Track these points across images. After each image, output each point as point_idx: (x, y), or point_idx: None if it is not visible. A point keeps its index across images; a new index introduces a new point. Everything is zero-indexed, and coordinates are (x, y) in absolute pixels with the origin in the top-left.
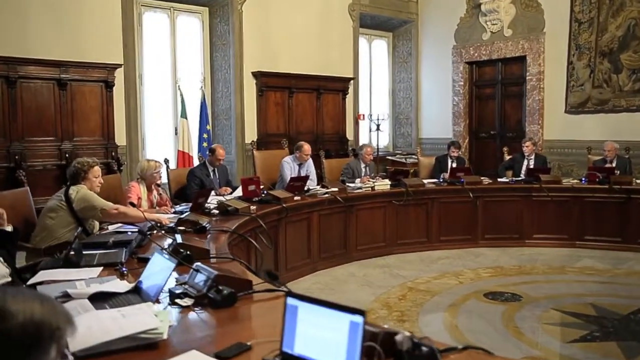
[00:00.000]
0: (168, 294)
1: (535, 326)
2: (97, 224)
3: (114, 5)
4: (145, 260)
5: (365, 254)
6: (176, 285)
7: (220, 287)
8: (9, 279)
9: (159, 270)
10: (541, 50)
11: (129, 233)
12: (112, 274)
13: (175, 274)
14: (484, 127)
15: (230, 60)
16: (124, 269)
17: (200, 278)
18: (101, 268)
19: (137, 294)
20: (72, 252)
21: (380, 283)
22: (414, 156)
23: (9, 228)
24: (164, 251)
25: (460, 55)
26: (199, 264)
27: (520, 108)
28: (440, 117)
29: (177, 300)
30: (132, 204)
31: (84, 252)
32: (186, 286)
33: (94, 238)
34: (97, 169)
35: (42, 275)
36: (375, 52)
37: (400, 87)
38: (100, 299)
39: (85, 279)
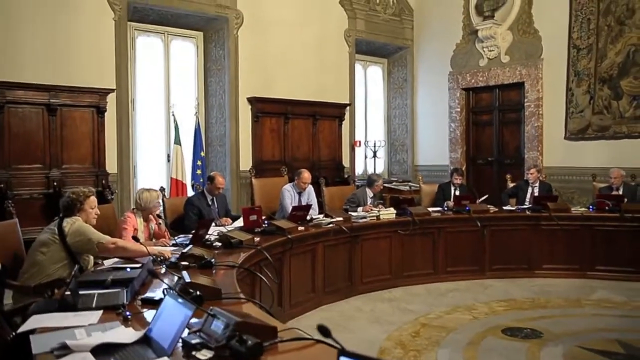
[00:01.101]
0: (181, 344)
1: None
2: (91, 259)
3: (106, 29)
4: (150, 302)
5: (371, 286)
6: (189, 333)
7: (244, 337)
8: None
9: (172, 317)
10: (539, 76)
11: (128, 270)
12: (113, 319)
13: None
14: (482, 153)
15: (225, 86)
16: (127, 312)
17: (217, 325)
18: (101, 312)
19: (147, 345)
20: (68, 293)
21: (390, 319)
22: (410, 183)
23: None
24: (175, 293)
25: (457, 81)
26: (216, 308)
27: (519, 134)
28: (436, 143)
29: (194, 353)
30: (135, 238)
31: (80, 293)
32: (201, 334)
33: (89, 276)
34: (93, 199)
35: (34, 322)
36: (371, 78)
37: (395, 114)
38: (105, 352)
39: (85, 326)
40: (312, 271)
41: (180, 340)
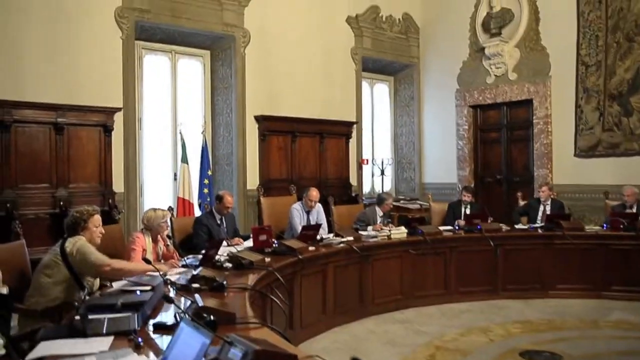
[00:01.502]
0: None
1: None
2: (97, 280)
3: (114, 48)
4: (163, 327)
5: (383, 307)
6: None
7: None
8: (3, 351)
9: (188, 345)
10: (548, 93)
11: (138, 293)
12: (124, 345)
13: None
14: (490, 171)
15: (232, 104)
16: (139, 339)
17: (235, 353)
18: (112, 337)
19: None
20: (77, 317)
21: (403, 341)
22: (419, 201)
23: (4, 290)
24: (190, 318)
25: (464, 98)
26: (233, 335)
27: (527, 152)
28: (444, 161)
29: None
30: (146, 260)
31: (90, 317)
32: None
33: (99, 299)
34: (97, 218)
35: (44, 348)
36: (377, 96)
37: (402, 132)
38: None
39: (95, 354)
40: (323, 292)
41: None
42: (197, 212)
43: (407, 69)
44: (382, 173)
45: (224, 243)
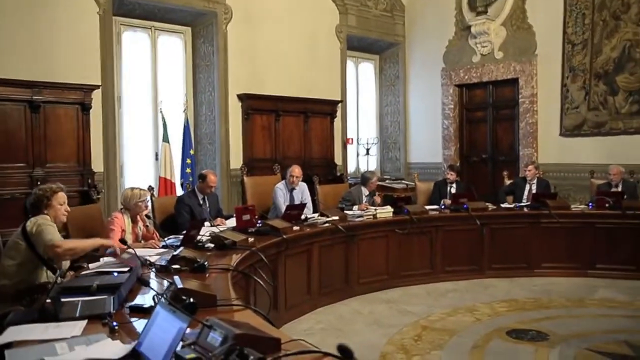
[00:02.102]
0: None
1: None
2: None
3: (91, 24)
4: (139, 310)
5: (368, 287)
6: (183, 346)
7: (244, 351)
8: None
9: (164, 329)
10: (534, 72)
11: (115, 274)
12: (99, 330)
13: None
14: (476, 151)
15: (215, 82)
16: (114, 323)
17: (214, 337)
18: (85, 322)
19: None
20: (49, 301)
21: (389, 321)
22: (403, 181)
23: None
24: (167, 301)
25: (450, 77)
26: (212, 318)
27: (513, 131)
28: (429, 141)
29: None
30: (124, 241)
31: (62, 300)
32: (196, 347)
33: (73, 281)
34: (62, 195)
35: (12, 334)
36: (362, 75)
37: (387, 111)
38: None
39: (67, 339)
40: (308, 272)
41: (173, 356)
42: (180, 192)
43: (392, 47)
44: (367, 152)
45: (206, 223)
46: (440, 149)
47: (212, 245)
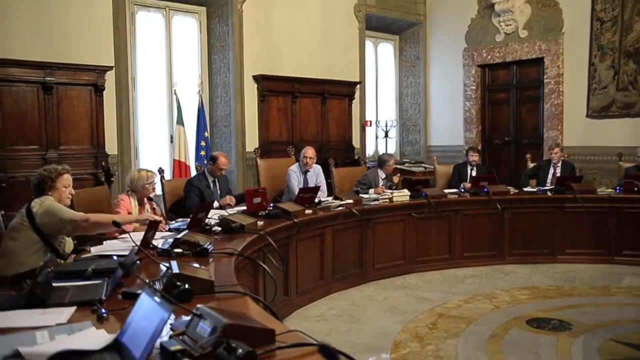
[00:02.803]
0: (159, 351)
1: None
2: (69, 241)
3: (104, 4)
4: (132, 296)
5: (383, 273)
6: (171, 336)
7: (233, 344)
8: None
9: (146, 319)
10: (560, 51)
11: (115, 258)
12: (87, 317)
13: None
14: (498, 133)
15: (230, 63)
16: (103, 310)
17: (204, 327)
18: (74, 308)
19: (117, 354)
20: (38, 285)
21: (404, 308)
22: (423, 164)
23: None
24: (154, 291)
25: (472, 58)
26: (201, 307)
27: (537, 113)
28: (450, 123)
29: None
30: (116, 224)
31: (55, 285)
32: (185, 337)
33: (70, 265)
34: (67, 177)
35: None
36: (382, 56)
37: (407, 92)
38: None
39: (51, 326)
40: (321, 257)
41: (159, 346)
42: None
43: (413, 27)
44: (386, 135)
45: (215, 204)
46: (461, 131)
47: (220, 228)
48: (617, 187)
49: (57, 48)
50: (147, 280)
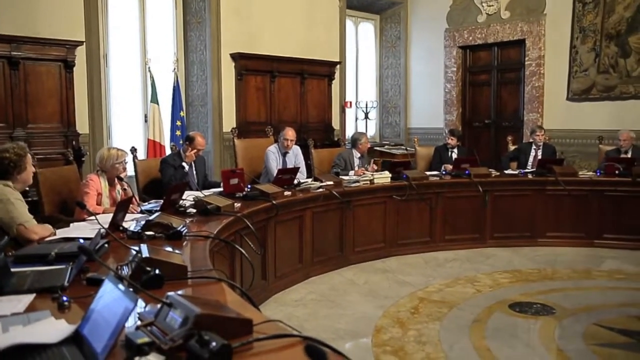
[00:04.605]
0: (124, 343)
1: (582, 349)
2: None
3: None
4: (99, 283)
5: (364, 256)
6: (139, 327)
7: (206, 336)
8: None
9: (109, 309)
10: (541, 33)
11: (81, 241)
12: (46, 306)
13: (138, 306)
14: (478, 115)
15: (207, 41)
16: (64, 297)
17: (174, 317)
18: (33, 296)
19: (77, 347)
20: None
21: (385, 292)
22: (402, 147)
23: None
24: (119, 277)
25: (453, 39)
26: (172, 295)
27: (518, 95)
28: (430, 105)
29: (139, 359)
30: (80, 204)
31: (13, 270)
32: (154, 328)
33: (32, 249)
34: (29, 157)
35: None
36: (362, 36)
37: (388, 74)
38: (17, 357)
39: (5, 316)
40: (300, 240)
41: (125, 338)
42: None
43: (394, 7)
44: (366, 117)
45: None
46: (441, 113)
47: (195, 210)
48: (598, 171)
49: (24, 21)
50: (115, 266)
